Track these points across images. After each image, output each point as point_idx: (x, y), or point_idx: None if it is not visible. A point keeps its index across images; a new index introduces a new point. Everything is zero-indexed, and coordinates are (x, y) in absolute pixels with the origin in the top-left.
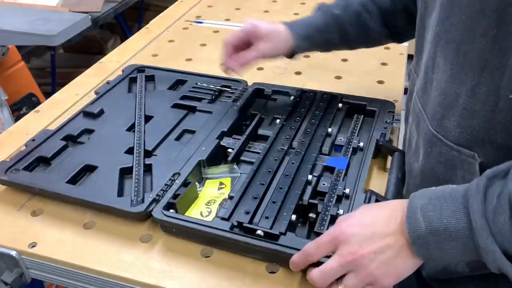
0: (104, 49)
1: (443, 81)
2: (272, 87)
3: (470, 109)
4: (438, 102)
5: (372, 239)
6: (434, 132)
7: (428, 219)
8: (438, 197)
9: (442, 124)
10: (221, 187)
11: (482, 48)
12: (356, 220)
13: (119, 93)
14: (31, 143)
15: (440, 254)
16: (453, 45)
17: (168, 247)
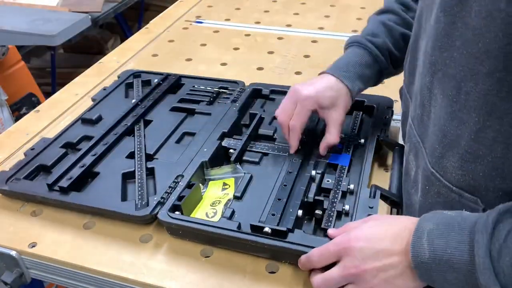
0: (104, 49)
1: (441, 117)
2: (270, 87)
3: (474, 154)
4: (437, 139)
5: (377, 256)
6: (432, 170)
7: (432, 247)
8: (446, 224)
9: (441, 163)
10: (225, 188)
11: (487, 90)
12: (364, 234)
13: (116, 99)
14: (30, 152)
15: (442, 282)
16: (454, 82)
17: (168, 247)
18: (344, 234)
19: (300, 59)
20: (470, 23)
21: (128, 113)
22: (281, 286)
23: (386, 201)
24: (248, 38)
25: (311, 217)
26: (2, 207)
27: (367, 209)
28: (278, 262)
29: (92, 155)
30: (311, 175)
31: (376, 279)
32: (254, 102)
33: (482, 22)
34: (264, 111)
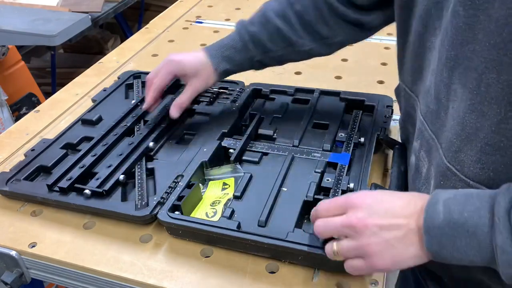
0: (104, 49)
1: (461, 110)
2: (270, 87)
3: (495, 145)
4: (455, 132)
5: (384, 214)
6: (448, 165)
7: (449, 210)
8: (464, 194)
9: (458, 157)
10: (225, 188)
11: (510, 80)
12: (375, 195)
13: (116, 100)
14: (30, 153)
15: (451, 249)
16: (475, 74)
17: (168, 247)
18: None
19: None
20: (493, 14)
21: (127, 113)
22: (281, 286)
23: None
24: None
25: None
26: (2, 207)
27: None
28: (278, 262)
29: (92, 156)
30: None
31: (375, 237)
32: (254, 102)
33: (507, 12)
34: (264, 111)
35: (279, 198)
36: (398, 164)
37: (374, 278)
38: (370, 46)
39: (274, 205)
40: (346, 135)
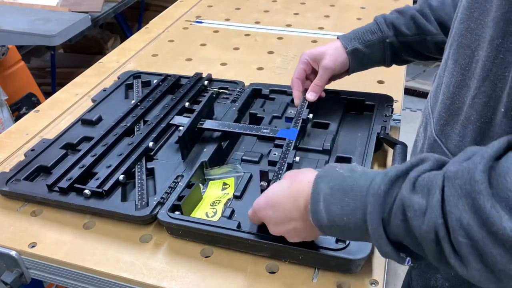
0: (104, 49)
1: (451, 85)
2: (269, 87)
3: (468, 119)
4: (444, 107)
5: (282, 223)
6: (436, 138)
7: (329, 213)
8: (340, 189)
9: (444, 130)
10: (225, 187)
11: (486, 57)
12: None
13: (116, 100)
14: (30, 153)
15: (344, 237)
16: (468, 51)
17: (168, 247)
18: (258, 200)
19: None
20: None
21: (127, 113)
22: (281, 286)
23: None
24: (248, 38)
25: None
26: (2, 207)
27: None
28: (278, 262)
29: (92, 156)
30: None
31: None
32: (254, 102)
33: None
34: (264, 111)
35: None
36: (398, 163)
37: (374, 278)
38: None
39: None
40: (295, 113)
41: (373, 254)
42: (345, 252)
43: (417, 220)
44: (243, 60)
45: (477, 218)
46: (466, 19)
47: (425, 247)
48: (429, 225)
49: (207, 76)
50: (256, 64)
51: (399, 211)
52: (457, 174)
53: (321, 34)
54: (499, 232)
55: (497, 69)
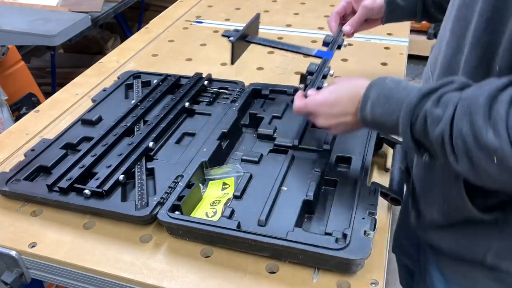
0: (104, 49)
1: (448, 53)
2: (269, 87)
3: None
4: (442, 70)
5: (336, 117)
6: None
7: (373, 114)
8: (384, 97)
9: None
10: (224, 187)
11: (476, 28)
12: (327, 100)
13: (116, 100)
14: (30, 153)
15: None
16: (464, 22)
17: (168, 247)
18: (314, 97)
19: (300, 59)
20: None
21: (127, 113)
22: (281, 286)
23: (386, 198)
24: None
25: (310, 216)
26: (2, 208)
27: (367, 206)
28: (278, 262)
29: (92, 156)
30: (311, 175)
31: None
32: (254, 102)
33: None
34: (264, 111)
35: (279, 198)
36: (399, 163)
37: (374, 278)
38: (370, 46)
39: (274, 205)
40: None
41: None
42: (345, 252)
43: (432, 126)
44: (243, 60)
45: (471, 130)
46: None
47: (435, 146)
48: (439, 131)
49: (207, 76)
50: (256, 64)
51: (423, 118)
52: (468, 97)
53: (321, 34)
54: (482, 142)
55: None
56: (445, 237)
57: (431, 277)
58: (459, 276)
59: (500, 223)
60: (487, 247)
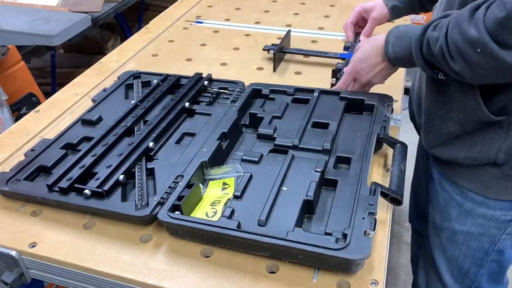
0: (104, 49)
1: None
2: (270, 87)
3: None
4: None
5: (373, 68)
6: None
7: (395, 52)
8: (400, 37)
9: None
10: (224, 187)
11: None
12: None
13: (116, 100)
14: (30, 153)
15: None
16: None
17: (168, 247)
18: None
19: (299, 59)
20: None
21: (127, 113)
22: (281, 286)
23: (386, 198)
24: (248, 38)
25: (310, 216)
26: (2, 208)
27: (367, 206)
28: (278, 262)
29: (92, 156)
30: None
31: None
32: (254, 102)
33: None
34: (264, 111)
35: (279, 198)
36: (399, 162)
37: (374, 278)
38: None
39: (274, 205)
40: (351, 44)
41: (373, 254)
42: (345, 252)
43: (434, 45)
44: (243, 60)
45: (460, 34)
46: None
47: (440, 60)
48: (439, 46)
49: (207, 76)
50: (256, 64)
51: (427, 42)
52: (456, 15)
53: (321, 34)
54: (469, 39)
55: None
56: (460, 146)
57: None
58: (474, 182)
59: (506, 126)
60: (497, 148)
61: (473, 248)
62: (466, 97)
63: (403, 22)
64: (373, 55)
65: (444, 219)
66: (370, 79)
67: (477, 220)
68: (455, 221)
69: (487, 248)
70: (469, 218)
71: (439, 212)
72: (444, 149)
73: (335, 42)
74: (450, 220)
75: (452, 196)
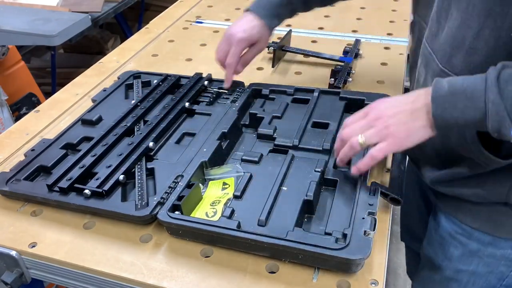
0: (104, 49)
1: (454, 27)
2: (269, 87)
3: (475, 48)
4: (449, 44)
5: (396, 104)
6: (443, 68)
7: (451, 84)
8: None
9: (450, 61)
10: (224, 187)
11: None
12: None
13: (116, 100)
14: (31, 153)
15: (452, 111)
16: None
17: (168, 247)
18: None
19: (300, 59)
20: None
21: (127, 113)
22: (281, 286)
23: (386, 198)
24: None
25: (310, 216)
26: (2, 208)
27: (367, 206)
28: (278, 262)
29: (92, 156)
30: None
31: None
32: (254, 102)
33: None
34: (264, 111)
35: (279, 197)
36: (398, 163)
37: (374, 278)
38: (370, 46)
39: (274, 205)
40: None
41: (373, 254)
42: (345, 252)
43: None
44: None
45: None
46: None
47: None
48: None
49: (207, 76)
50: (256, 64)
51: None
52: None
53: (321, 34)
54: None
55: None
56: (468, 183)
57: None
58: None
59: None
60: (509, 187)
61: (479, 285)
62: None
63: None
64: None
65: (444, 258)
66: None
67: (485, 259)
68: (457, 261)
69: (494, 284)
70: (475, 258)
71: (438, 249)
72: (448, 185)
73: (335, 42)
74: (451, 259)
75: (453, 235)
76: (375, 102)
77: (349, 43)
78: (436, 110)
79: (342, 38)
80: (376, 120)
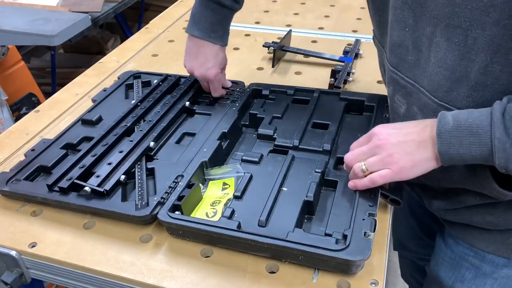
0: (104, 49)
1: (448, 59)
2: (270, 87)
3: (483, 83)
4: (444, 77)
5: (401, 133)
6: (440, 103)
7: (457, 118)
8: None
9: (448, 95)
10: (225, 187)
11: (493, 35)
12: (392, 124)
13: (116, 100)
14: (31, 153)
15: (458, 147)
16: (460, 30)
17: (168, 247)
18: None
19: (300, 59)
20: None
21: (128, 114)
22: (281, 286)
23: (386, 199)
24: (248, 38)
25: (310, 216)
26: (2, 207)
27: (367, 207)
28: (278, 262)
29: (92, 156)
30: (311, 176)
31: (396, 148)
32: (254, 102)
33: None
34: (264, 111)
35: (279, 198)
36: None
37: (374, 278)
38: (370, 46)
39: (274, 205)
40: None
41: (373, 254)
42: (345, 253)
43: None
44: (243, 60)
45: None
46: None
47: None
48: None
49: None
50: (256, 64)
51: None
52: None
53: (321, 34)
54: None
55: (508, 43)
56: (479, 211)
57: (457, 254)
58: (495, 245)
59: None
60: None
61: None
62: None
63: None
64: (416, 127)
65: (456, 280)
66: (392, 154)
67: (499, 280)
68: (471, 283)
69: None
70: (488, 280)
71: (449, 271)
72: (455, 213)
73: (335, 42)
74: (463, 281)
75: (465, 258)
76: (378, 126)
77: (349, 43)
78: (442, 145)
79: (342, 38)
80: (378, 147)
